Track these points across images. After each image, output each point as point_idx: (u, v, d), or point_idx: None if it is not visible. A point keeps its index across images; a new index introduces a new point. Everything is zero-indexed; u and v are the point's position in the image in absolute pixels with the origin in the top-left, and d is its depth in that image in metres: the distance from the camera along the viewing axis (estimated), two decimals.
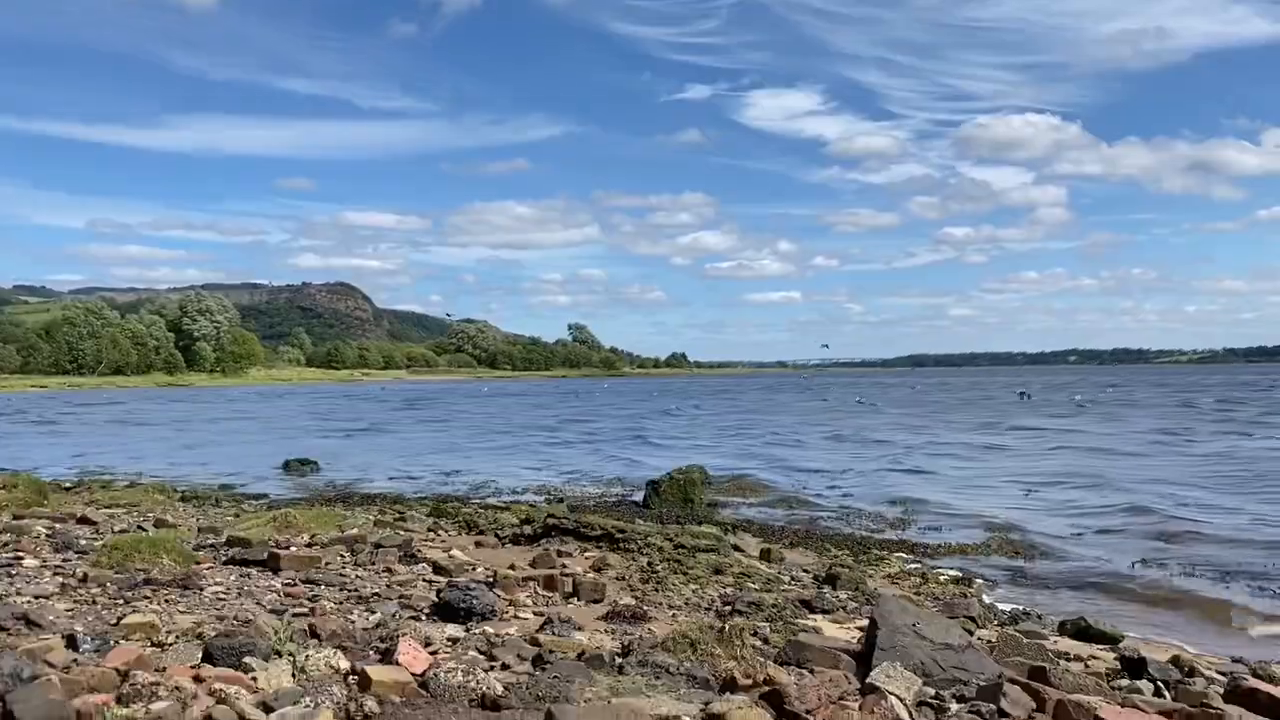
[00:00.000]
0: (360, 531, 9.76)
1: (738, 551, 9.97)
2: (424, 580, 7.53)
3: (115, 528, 10.11)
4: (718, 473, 18.59)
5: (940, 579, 9.52)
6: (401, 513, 12.93)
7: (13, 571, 7.28)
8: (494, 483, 19.50)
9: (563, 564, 8.48)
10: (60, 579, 7.02)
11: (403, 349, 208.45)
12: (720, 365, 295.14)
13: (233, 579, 7.25)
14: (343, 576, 7.54)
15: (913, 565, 10.43)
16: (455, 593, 6.36)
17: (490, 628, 5.97)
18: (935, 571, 10.00)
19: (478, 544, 9.94)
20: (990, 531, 12.99)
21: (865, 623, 6.04)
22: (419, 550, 8.80)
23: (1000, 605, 8.48)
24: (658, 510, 14.27)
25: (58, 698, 3.82)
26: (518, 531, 10.49)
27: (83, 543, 8.85)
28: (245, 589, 6.92)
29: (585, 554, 9.23)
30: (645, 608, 6.81)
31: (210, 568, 7.73)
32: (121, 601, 6.32)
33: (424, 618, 6.19)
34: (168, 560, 7.63)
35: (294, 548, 8.47)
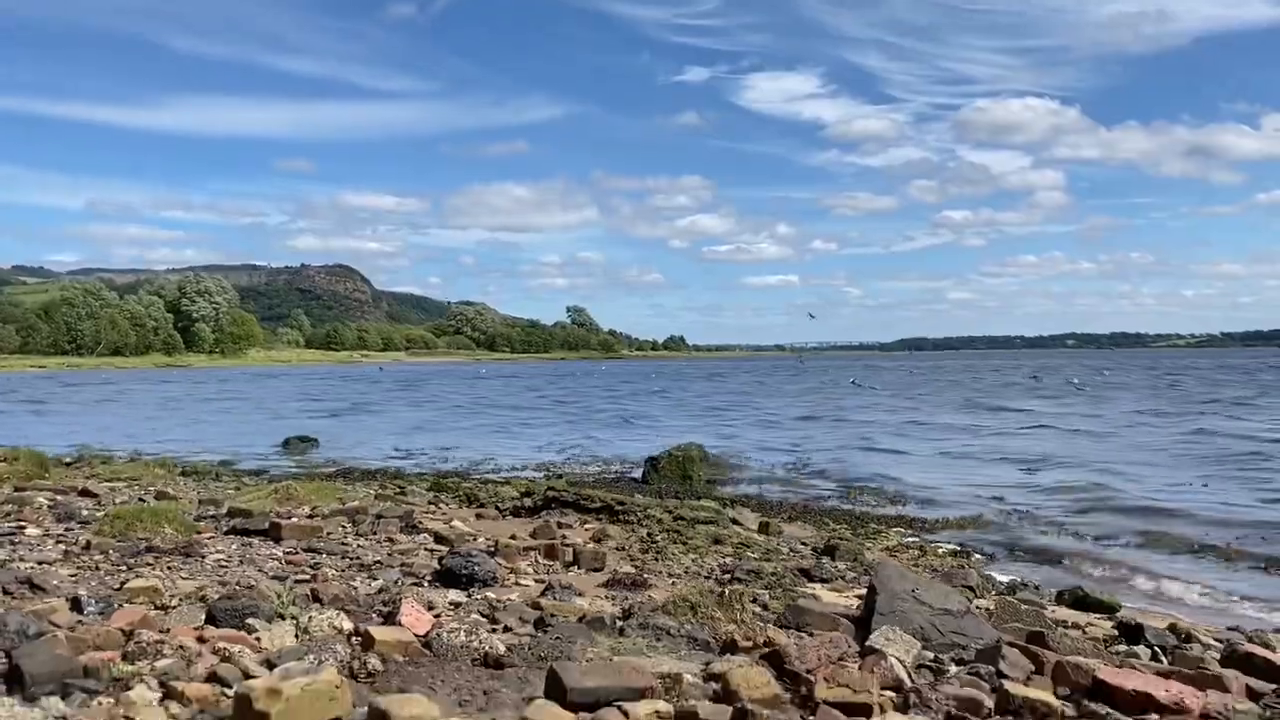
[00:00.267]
0: (361, 504, 9.80)
1: (736, 525, 10.02)
2: (425, 549, 7.56)
3: (117, 500, 10.13)
4: (711, 452, 18.65)
5: (938, 551, 9.58)
6: (402, 487, 12.97)
7: (15, 540, 7.31)
8: (493, 460, 19.60)
9: (563, 535, 8.51)
10: (63, 547, 7.05)
11: (401, 331, 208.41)
12: (718, 348, 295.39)
13: (234, 548, 7.28)
14: (344, 546, 7.57)
15: (910, 539, 10.49)
16: (457, 560, 6.39)
17: (492, 593, 6.00)
18: (933, 545, 10.06)
19: (478, 516, 9.99)
20: (988, 509, 13.06)
21: (864, 591, 6.08)
22: (420, 521, 8.84)
23: (998, 577, 8.53)
24: (656, 486, 14.34)
25: (64, 653, 3.85)
26: (518, 504, 10.53)
27: (84, 513, 8.88)
28: (247, 557, 6.95)
29: (585, 526, 9.28)
30: (645, 576, 6.85)
31: (211, 537, 7.76)
32: (124, 568, 6.35)
33: (426, 584, 6.22)
34: (170, 529, 7.66)
35: (295, 518, 8.50)
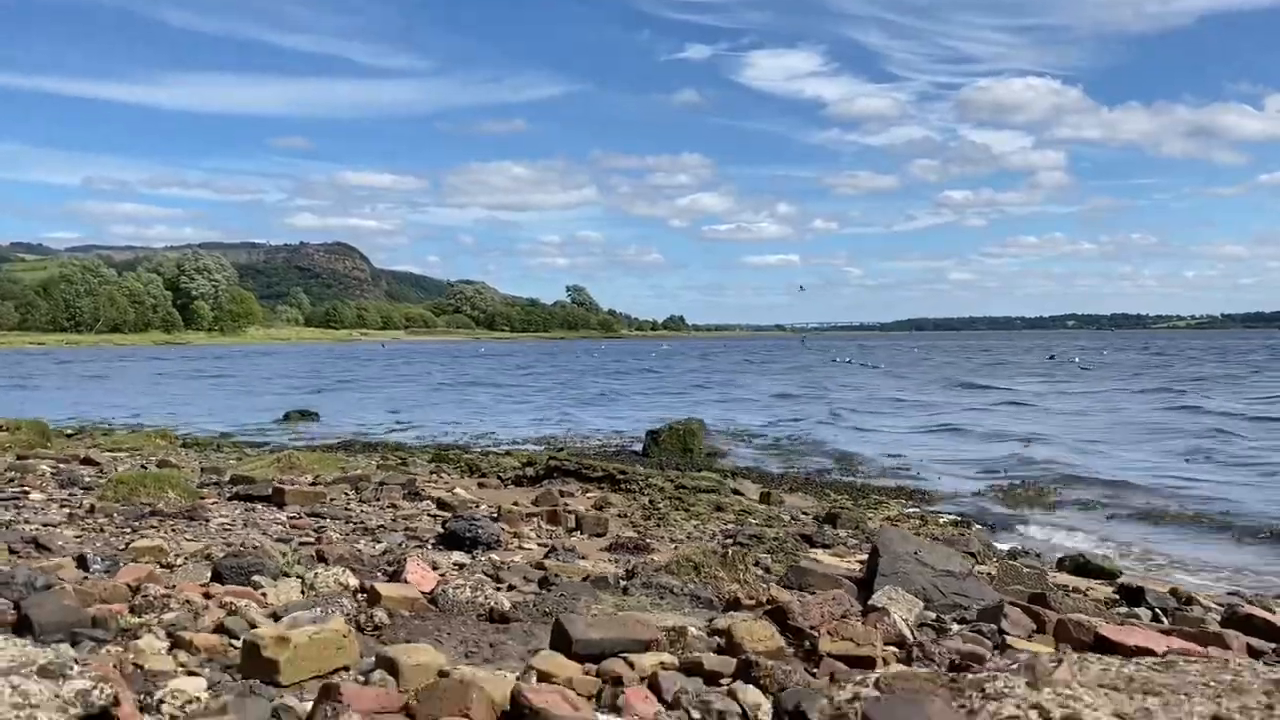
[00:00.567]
0: (364, 472, 9.82)
1: (738, 495, 10.06)
2: (429, 515, 7.59)
3: (119, 468, 10.15)
4: (711, 427, 18.75)
5: (939, 521, 9.62)
6: (403, 458, 13.01)
7: (20, 504, 7.33)
8: (493, 434, 19.66)
9: (565, 503, 8.54)
10: (67, 510, 7.07)
11: (401, 309, 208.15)
12: (718, 328, 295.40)
13: (238, 512, 7.31)
14: (348, 511, 7.60)
15: (911, 510, 10.53)
16: (461, 523, 6.42)
17: (496, 555, 6.03)
18: (934, 515, 10.10)
19: (480, 485, 10.02)
20: (989, 482, 13.10)
21: (865, 557, 6.11)
22: (422, 489, 8.86)
23: (999, 545, 8.57)
24: (657, 458, 14.36)
25: (72, 604, 3.87)
26: (520, 474, 10.56)
27: (87, 480, 8.91)
28: (251, 521, 6.98)
29: (587, 494, 9.30)
30: (648, 540, 6.88)
31: (215, 503, 7.79)
32: (129, 530, 6.37)
33: (430, 547, 6.25)
34: (173, 494, 7.69)
35: (298, 485, 8.52)
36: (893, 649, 4.13)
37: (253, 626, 4.01)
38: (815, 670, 3.79)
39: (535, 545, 6.57)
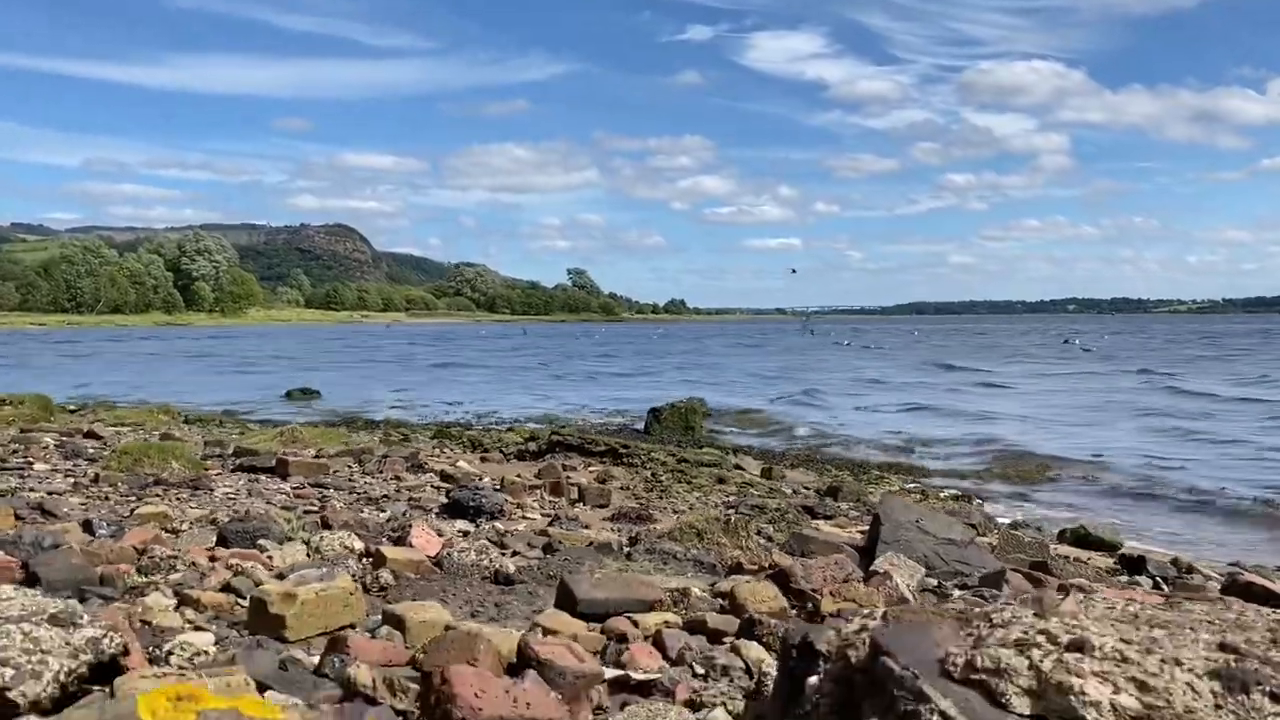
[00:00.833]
0: (367, 446, 9.84)
1: (739, 469, 10.08)
2: (432, 486, 7.61)
3: (122, 442, 10.17)
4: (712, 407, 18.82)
5: (940, 495, 9.65)
6: (405, 435, 13.03)
7: (24, 474, 7.36)
8: (495, 412, 19.71)
9: (567, 476, 8.56)
10: (72, 480, 7.10)
11: (401, 291, 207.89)
12: (719, 311, 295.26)
13: (241, 483, 7.33)
14: (351, 482, 7.62)
15: (911, 485, 10.56)
16: (465, 492, 6.44)
17: (500, 525, 6.05)
18: (935, 490, 10.14)
19: (483, 459, 10.04)
20: (990, 459, 13.14)
21: (866, 528, 6.14)
22: (426, 462, 8.88)
23: (1000, 518, 8.60)
24: (659, 436, 14.40)
25: (80, 562, 3.89)
26: (522, 449, 10.58)
27: (91, 452, 8.93)
28: (255, 491, 7.00)
29: (590, 468, 9.32)
30: (650, 511, 6.90)
31: (219, 474, 7.81)
32: (133, 498, 6.39)
33: (434, 516, 6.27)
34: (177, 465, 7.71)
35: (301, 457, 8.54)
36: None
37: (258, 584, 4.04)
38: None
39: (538, 515, 6.59)
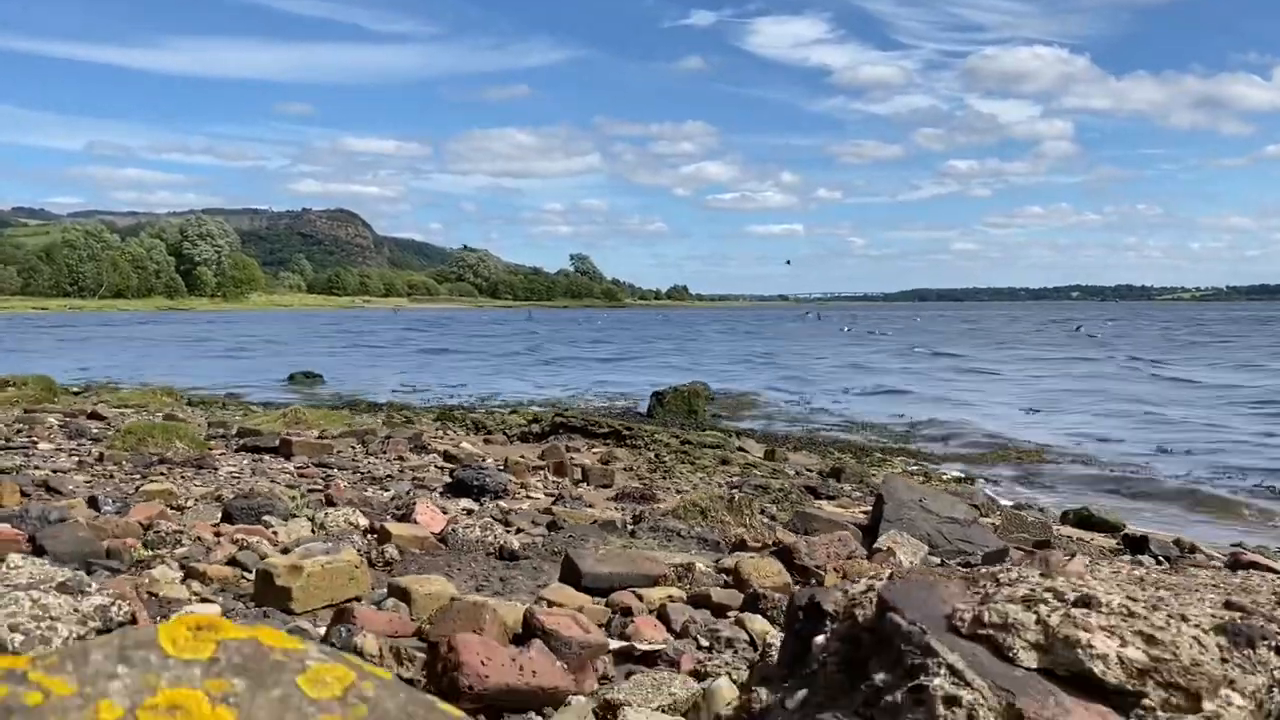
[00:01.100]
0: (370, 427, 9.86)
1: (742, 451, 10.09)
2: (435, 466, 7.63)
3: (126, 422, 10.19)
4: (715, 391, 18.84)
5: (943, 477, 9.66)
6: (409, 417, 13.05)
7: (29, 453, 7.38)
8: (498, 395, 19.74)
9: (571, 456, 8.57)
10: (76, 458, 7.11)
11: (403, 276, 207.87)
12: (721, 298, 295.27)
13: (245, 462, 7.34)
14: (355, 462, 7.64)
15: (914, 468, 10.58)
16: (469, 472, 6.46)
17: (504, 503, 6.06)
18: (937, 472, 10.15)
19: (486, 441, 10.05)
20: (993, 443, 13.15)
21: (869, 508, 6.15)
22: (429, 443, 8.90)
23: (1003, 500, 8.61)
24: (661, 419, 14.42)
25: (86, 535, 3.91)
26: (525, 430, 10.59)
27: (95, 432, 8.95)
28: (259, 470, 7.02)
29: (593, 450, 9.34)
30: (654, 490, 6.91)
31: (223, 454, 7.83)
32: (138, 476, 6.41)
33: (438, 495, 6.28)
34: (181, 444, 7.72)
35: (305, 437, 8.56)
36: None
37: (264, 558, 4.06)
38: None
39: (542, 495, 6.60)
